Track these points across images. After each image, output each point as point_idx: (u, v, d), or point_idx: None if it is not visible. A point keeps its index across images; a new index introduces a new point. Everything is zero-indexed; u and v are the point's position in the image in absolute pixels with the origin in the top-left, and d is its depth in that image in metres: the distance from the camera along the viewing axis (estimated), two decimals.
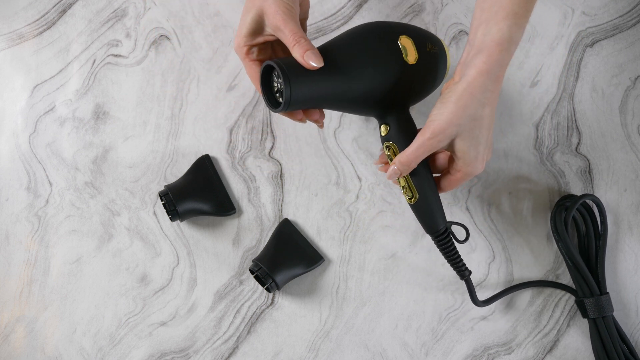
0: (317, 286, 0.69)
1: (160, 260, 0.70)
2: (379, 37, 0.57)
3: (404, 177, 0.59)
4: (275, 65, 0.53)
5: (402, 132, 0.59)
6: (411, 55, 0.57)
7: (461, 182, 0.58)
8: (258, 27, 0.56)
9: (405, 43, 0.57)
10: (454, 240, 0.61)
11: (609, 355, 0.63)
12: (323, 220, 0.70)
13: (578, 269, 0.64)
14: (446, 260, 0.63)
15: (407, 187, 0.59)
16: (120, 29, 0.74)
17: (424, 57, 0.58)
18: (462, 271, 0.62)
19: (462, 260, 0.62)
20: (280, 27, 0.54)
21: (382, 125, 0.60)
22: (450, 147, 0.55)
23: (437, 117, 0.53)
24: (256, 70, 0.58)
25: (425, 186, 0.59)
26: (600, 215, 0.66)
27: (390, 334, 0.68)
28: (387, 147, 0.60)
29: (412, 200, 0.60)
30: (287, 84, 0.52)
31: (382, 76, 0.56)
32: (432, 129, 0.53)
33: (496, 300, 0.66)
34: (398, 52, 0.57)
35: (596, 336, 0.64)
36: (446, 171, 0.59)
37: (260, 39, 0.57)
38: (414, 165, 0.56)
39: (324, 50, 0.55)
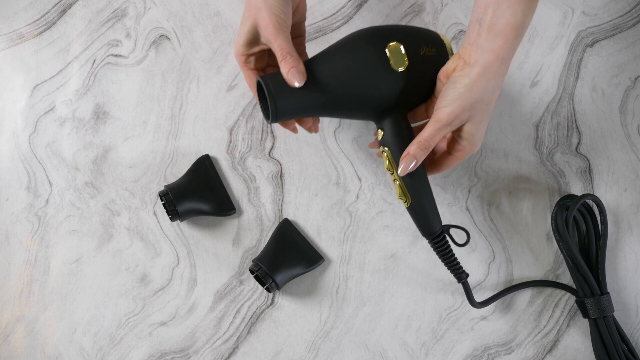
0: (317, 286, 0.69)
1: (160, 260, 0.71)
2: (366, 45, 0.57)
3: (397, 181, 0.59)
4: (262, 83, 0.55)
5: (396, 138, 0.59)
6: (400, 62, 0.57)
7: (460, 161, 0.59)
8: (254, 38, 0.58)
9: (394, 50, 0.57)
10: (453, 243, 0.62)
11: (610, 355, 0.63)
12: (323, 220, 0.70)
13: (579, 269, 0.64)
14: (443, 263, 0.63)
15: (400, 191, 0.59)
16: (120, 29, 0.74)
17: (416, 62, 0.57)
18: (459, 274, 0.63)
19: (459, 263, 0.62)
20: (271, 41, 0.55)
21: (378, 130, 0.60)
22: (459, 129, 0.55)
23: (449, 104, 0.53)
24: (253, 79, 0.61)
25: (418, 189, 0.59)
26: (600, 215, 0.66)
27: (390, 334, 0.68)
28: (382, 151, 0.60)
29: (406, 203, 0.60)
30: (272, 100, 0.55)
31: (369, 87, 0.57)
32: (447, 116, 0.53)
33: (495, 300, 0.67)
34: (385, 60, 0.56)
35: (597, 336, 0.64)
36: (446, 152, 0.59)
37: (256, 49, 0.59)
38: (431, 147, 0.55)
39: (311, 63, 0.56)
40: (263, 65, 0.62)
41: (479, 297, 0.67)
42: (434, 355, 0.68)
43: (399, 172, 0.57)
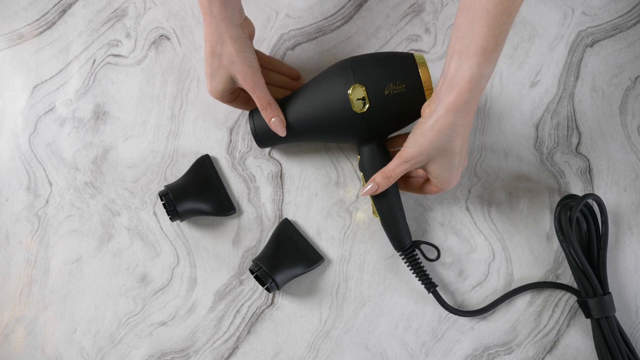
0: (317, 286, 0.69)
1: (160, 260, 0.70)
2: (330, 88, 0.62)
3: (371, 201, 0.64)
4: (249, 122, 0.66)
5: (369, 165, 0.63)
6: (360, 104, 0.60)
7: (436, 193, 0.63)
8: (230, 86, 0.63)
9: (355, 92, 0.60)
10: (424, 258, 0.66)
11: (613, 355, 0.63)
12: (323, 220, 0.70)
13: (582, 269, 0.64)
14: (413, 274, 0.66)
15: (373, 209, 0.65)
16: (120, 29, 0.74)
17: (379, 102, 0.60)
18: (428, 285, 0.66)
19: (428, 274, 0.66)
20: (250, 92, 0.62)
21: (358, 154, 0.65)
22: (425, 168, 0.59)
23: (409, 145, 0.58)
24: (240, 105, 0.67)
25: (388, 209, 0.64)
26: (601, 214, 0.66)
27: (390, 334, 0.68)
28: (360, 173, 0.65)
29: (379, 219, 0.65)
30: (255, 137, 0.65)
31: (335, 127, 0.62)
32: (406, 155, 0.58)
33: (497, 305, 0.67)
34: (347, 103, 0.61)
35: (600, 336, 0.64)
36: (427, 180, 0.63)
37: (233, 89, 0.64)
38: (393, 180, 0.60)
39: (287, 103, 0.64)
40: (239, 92, 0.67)
41: (479, 298, 0.68)
42: (434, 355, 0.68)
43: (360, 193, 0.62)
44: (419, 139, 0.56)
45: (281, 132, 0.63)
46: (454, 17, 0.72)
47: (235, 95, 0.66)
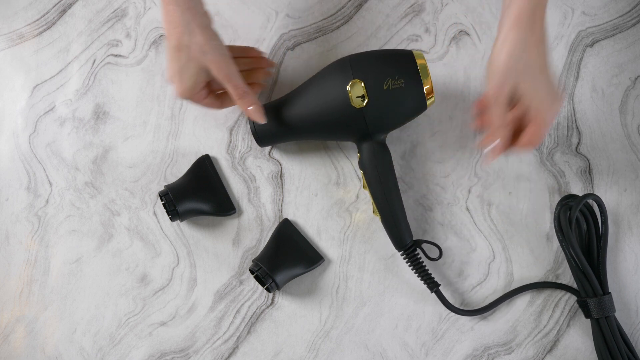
0: (317, 286, 0.69)
1: (160, 260, 0.70)
2: (329, 84, 0.62)
3: (371, 200, 0.64)
4: (248, 120, 0.65)
5: (370, 163, 0.63)
6: (359, 99, 0.60)
7: (543, 130, 0.56)
8: (202, 79, 0.60)
9: (354, 87, 0.60)
10: (425, 257, 0.66)
11: (613, 355, 0.63)
12: (323, 220, 0.70)
13: (582, 269, 0.64)
14: (415, 274, 0.66)
15: (373, 207, 0.65)
16: (120, 29, 0.74)
17: (378, 97, 0.60)
18: (431, 284, 0.66)
19: (430, 274, 0.65)
20: (224, 82, 0.59)
21: (358, 152, 0.65)
22: (519, 97, 0.55)
23: (489, 81, 0.55)
24: (212, 103, 0.63)
25: (388, 207, 0.64)
26: (601, 214, 0.66)
27: (390, 334, 0.68)
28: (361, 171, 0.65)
29: (379, 218, 0.65)
30: (255, 135, 0.65)
31: (334, 123, 0.62)
32: (491, 92, 0.54)
33: (496, 306, 0.67)
34: (346, 98, 0.60)
35: (599, 337, 0.64)
36: (525, 126, 0.57)
37: (204, 82, 0.61)
38: (501, 123, 0.55)
39: (286, 100, 0.63)
40: (209, 88, 0.63)
41: (479, 298, 0.68)
42: (434, 355, 0.68)
43: (486, 153, 0.56)
44: (494, 66, 0.54)
45: (260, 119, 0.61)
46: (454, 17, 0.72)
47: (207, 92, 0.63)
